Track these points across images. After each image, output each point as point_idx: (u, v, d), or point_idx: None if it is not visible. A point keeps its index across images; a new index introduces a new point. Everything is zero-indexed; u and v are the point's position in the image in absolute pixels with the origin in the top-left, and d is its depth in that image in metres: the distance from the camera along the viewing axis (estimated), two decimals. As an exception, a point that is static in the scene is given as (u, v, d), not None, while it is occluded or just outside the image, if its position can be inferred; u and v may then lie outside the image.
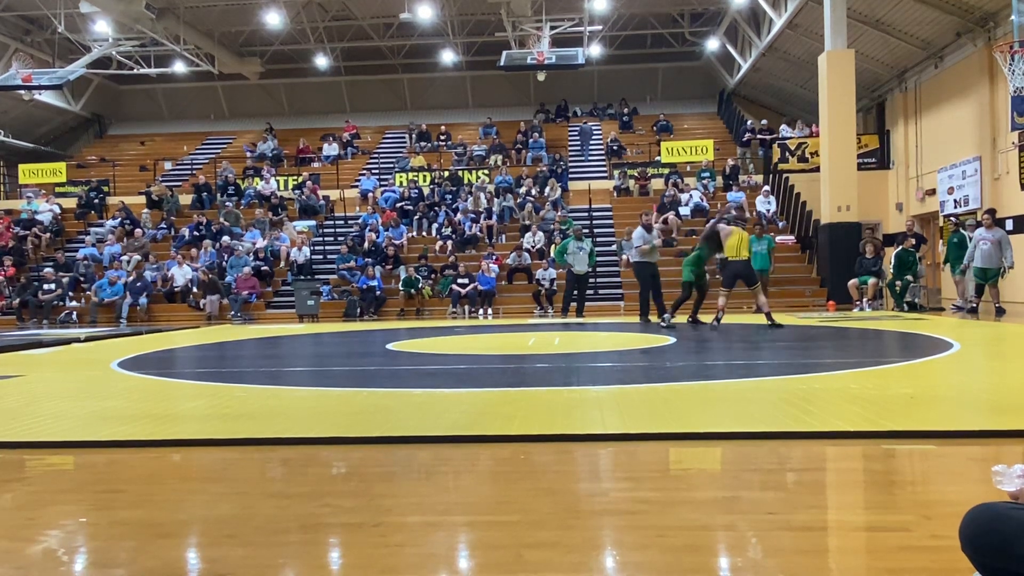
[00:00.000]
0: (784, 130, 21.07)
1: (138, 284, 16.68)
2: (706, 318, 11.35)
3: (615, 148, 23.03)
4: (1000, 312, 11.56)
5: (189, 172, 24.32)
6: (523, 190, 20.29)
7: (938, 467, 3.17)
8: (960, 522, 1.53)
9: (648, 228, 12.41)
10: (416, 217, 19.61)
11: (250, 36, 25.15)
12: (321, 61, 26.52)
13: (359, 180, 22.13)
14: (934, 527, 2.28)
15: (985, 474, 2.98)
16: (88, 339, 11.06)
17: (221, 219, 19.73)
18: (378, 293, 16.41)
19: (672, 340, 8.77)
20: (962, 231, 13.45)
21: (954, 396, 4.73)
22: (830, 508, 2.69)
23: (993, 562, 1.43)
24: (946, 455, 3.28)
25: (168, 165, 25.14)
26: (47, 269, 17.40)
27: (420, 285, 16.45)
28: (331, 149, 24.50)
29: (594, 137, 25.02)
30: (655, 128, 24.53)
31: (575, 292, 14.60)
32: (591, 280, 15.44)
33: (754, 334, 9.51)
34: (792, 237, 18.23)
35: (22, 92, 22.22)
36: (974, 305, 12.24)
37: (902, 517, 2.42)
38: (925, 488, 2.90)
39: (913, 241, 14.29)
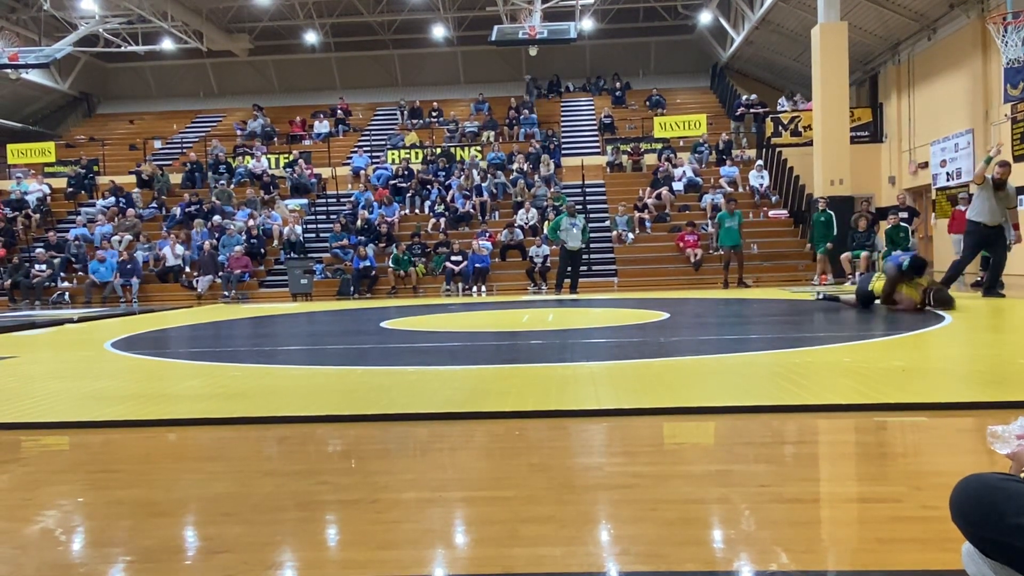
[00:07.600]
0: (782, 103, 20.97)
1: (129, 265, 16.62)
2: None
3: (608, 123, 22.93)
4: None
5: (179, 151, 24.13)
6: (515, 166, 20.20)
7: (929, 439, 3.20)
8: (951, 493, 1.54)
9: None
10: (409, 195, 19.52)
11: (238, 12, 24.87)
12: (311, 37, 26.26)
13: (351, 158, 22.01)
14: (925, 498, 2.30)
15: (976, 445, 3.01)
16: (81, 320, 11.03)
17: (213, 198, 19.63)
18: (372, 272, 16.38)
19: (666, 316, 8.80)
20: (828, 211, 13.67)
21: (945, 368, 4.76)
22: (822, 480, 2.71)
23: (983, 532, 1.45)
24: (937, 427, 3.31)
25: (158, 144, 24.94)
26: (38, 250, 17.31)
27: (413, 263, 16.41)
28: (322, 127, 24.31)
29: (586, 110, 24.90)
30: (648, 103, 24.41)
31: (568, 268, 14.61)
32: (584, 256, 15.44)
33: (748, 308, 9.54)
34: (785, 211, 18.22)
35: (9, 71, 21.99)
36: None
37: (893, 488, 2.44)
38: (916, 460, 2.92)
39: (905, 215, 14.27)
